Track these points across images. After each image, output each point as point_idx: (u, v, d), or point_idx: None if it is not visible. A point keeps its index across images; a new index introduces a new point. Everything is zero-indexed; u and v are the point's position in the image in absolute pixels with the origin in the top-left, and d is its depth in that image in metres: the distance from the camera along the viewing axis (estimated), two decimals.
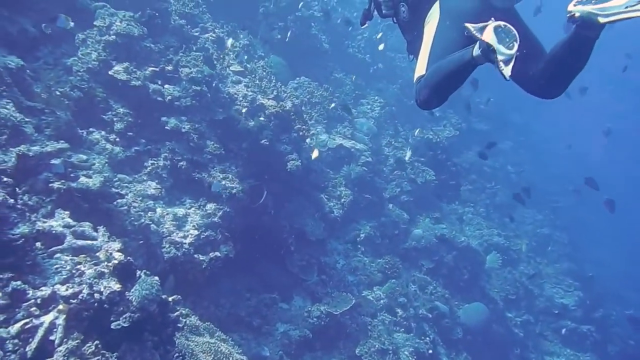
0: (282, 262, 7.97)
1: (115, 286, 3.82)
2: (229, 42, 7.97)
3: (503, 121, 18.22)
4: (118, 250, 4.26)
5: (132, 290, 3.89)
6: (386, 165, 11.10)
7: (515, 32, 2.18)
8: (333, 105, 10.03)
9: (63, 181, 4.69)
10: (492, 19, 2.26)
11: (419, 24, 2.80)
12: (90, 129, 6.22)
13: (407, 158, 10.36)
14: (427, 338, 8.73)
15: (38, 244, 4.02)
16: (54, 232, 4.14)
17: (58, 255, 4.01)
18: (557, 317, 12.19)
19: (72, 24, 5.63)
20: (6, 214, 3.68)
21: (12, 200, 3.74)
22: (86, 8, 7.09)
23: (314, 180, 8.76)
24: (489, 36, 2.16)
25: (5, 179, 3.86)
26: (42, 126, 5.56)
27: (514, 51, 2.14)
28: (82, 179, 4.90)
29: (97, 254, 4.16)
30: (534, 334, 11.99)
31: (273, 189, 7.49)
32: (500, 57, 2.13)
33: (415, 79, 2.62)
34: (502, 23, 2.20)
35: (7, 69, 5.55)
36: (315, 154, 6.80)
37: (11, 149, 4.48)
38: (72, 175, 5.00)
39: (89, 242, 4.23)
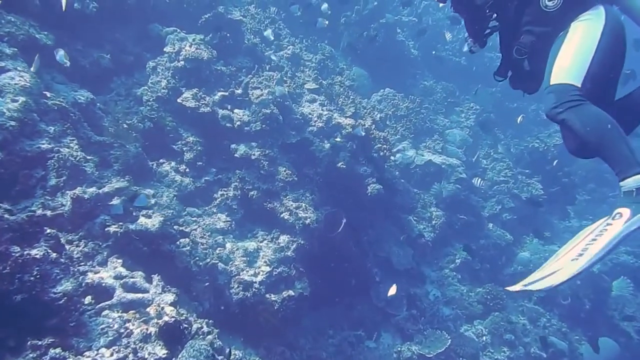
0: (367, 295, 7.22)
1: (161, 352, 3.35)
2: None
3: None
4: (171, 304, 3.82)
5: (180, 356, 3.39)
6: (484, 180, 9.86)
7: None
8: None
9: (121, 224, 4.37)
10: None
11: (567, 19, 2.35)
12: (161, 160, 5.99)
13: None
14: None
15: (88, 298, 3.70)
16: (103, 285, 3.80)
17: (106, 312, 3.64)
18: None
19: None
20: (47, 270, 3.37)
21: (54, 255, 3.43)
22: (158, 35, 6.96)
23: (400, 202, 7.92)
24: None
25: (48, 231, 3.57)
26: (110, 160, 5.38)
27: None
28: (141, 220, 4.56)
29: (148, 309, 3.75)
30: None
31: (353, 215, 6.77)
32: None
33: (557, 80, 2.23)
34: None
35: (77, 104, 5.44)
36: (392, 291, 6.13)
37: (67, 191, 4.25)
38: (133, 214, 4.70)
39: (140, 295, 3.84)
